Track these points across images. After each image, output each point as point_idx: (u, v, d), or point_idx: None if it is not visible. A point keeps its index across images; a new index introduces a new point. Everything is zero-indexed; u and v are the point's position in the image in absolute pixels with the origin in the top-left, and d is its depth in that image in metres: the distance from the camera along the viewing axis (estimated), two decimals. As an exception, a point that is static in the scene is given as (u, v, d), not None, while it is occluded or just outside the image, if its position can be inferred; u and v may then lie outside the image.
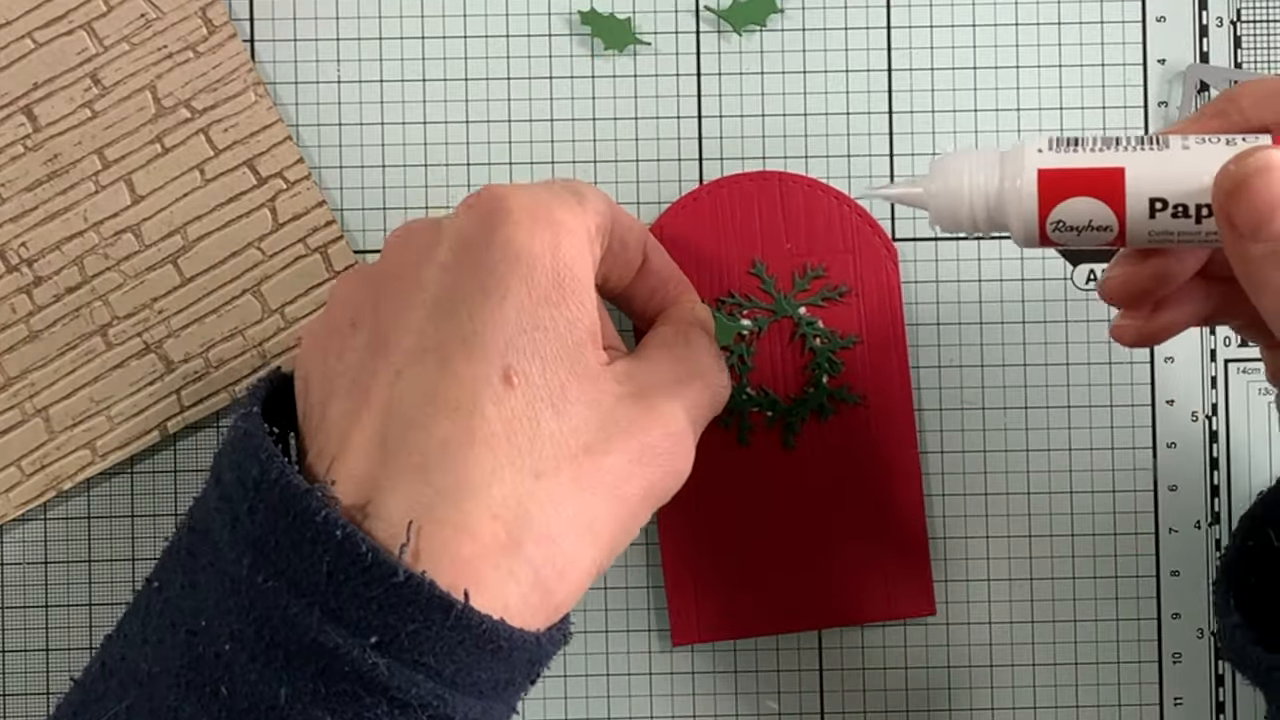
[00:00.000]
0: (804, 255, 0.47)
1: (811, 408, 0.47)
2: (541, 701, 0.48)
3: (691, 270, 0.47)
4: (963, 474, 0.48)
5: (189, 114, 0.47)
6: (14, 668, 0.47)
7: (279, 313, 0.47)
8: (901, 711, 0.48)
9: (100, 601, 0.48)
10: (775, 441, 0.47)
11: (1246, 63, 0.49)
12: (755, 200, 0.47)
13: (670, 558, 0.47)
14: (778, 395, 0.47)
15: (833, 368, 0.47)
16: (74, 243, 0.47)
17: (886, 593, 0.47)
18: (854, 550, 0.47)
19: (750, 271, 0.47)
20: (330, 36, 0.48)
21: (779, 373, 0.47)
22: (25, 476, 0.47)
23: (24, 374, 0.47)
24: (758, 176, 0.47)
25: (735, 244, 0.47)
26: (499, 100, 0.48)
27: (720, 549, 0.47)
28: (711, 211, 0.47)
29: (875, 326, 0.47)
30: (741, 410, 0.47)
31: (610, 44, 0.48)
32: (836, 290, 0.47)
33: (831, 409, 0.47)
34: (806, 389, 0.47)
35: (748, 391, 0.47)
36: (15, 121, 0.47)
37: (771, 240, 0.47)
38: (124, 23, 0.47)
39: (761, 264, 0.47)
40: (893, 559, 0.47)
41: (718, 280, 0.47)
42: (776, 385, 0.47)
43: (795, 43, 0.48)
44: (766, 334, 0.47)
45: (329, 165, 0.48)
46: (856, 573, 0.47)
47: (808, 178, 0.47)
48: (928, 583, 0.47)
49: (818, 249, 0.47)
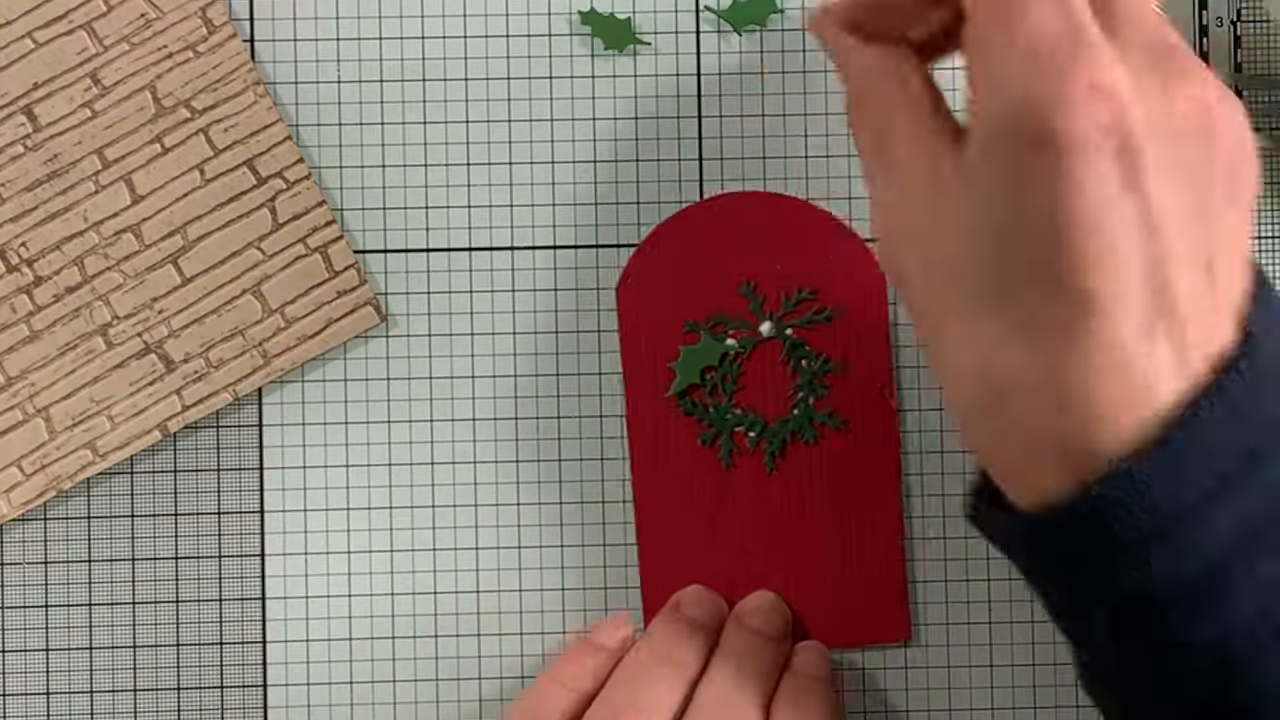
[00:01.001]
0: (794, 277, 0.47)
1: (794, 429, 0.47)
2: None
3: (678, 289, 0.47)
4: (963, 475, 0.48)
5: (189, 114, 0.47)
6: (14, 668, 0.48)
7: (279, 313, 0.47)
8: (902, 712, 0.48)
9: (100, 601, 0.48)
10: (757, 463, 0.47)
11: (1246, 63, 0.49)
12: (744, 220, 0.47)
13: (648, 580, 0.47)
14: (762, 416, 0.47)
15: (817, 390, 0.47)
16: (74, 243, 0.47)
17: (860, 618, 0.47)
18: (830, 575, 0.47)
19: (738, 292, 0.47)
20: (330, 36, 0.48)
21: (765, 394, 0.47)
22: (25, 476, 0.47)
23: (24, 374, 0.47)
24: (749, 196, 0.47)
25: (723, 263, 0.47)
26: (499, 100, 0.48)
27: (698, 571, 0.47)
28: (700, 230, 0.47)
29: (863, 351, 0.47)
30: (725, 430, 0.47)
31: (610, 44, 0.48)
32: (825, 313, 0.47)
33: (814, 432, 0.47)
34: (791, 411, 0.47)
35: (733, 412, 0.47)
36: (15, 121, 0.47)
37: (760, 261, 0.47)
38: (124, 23, 0.47)
39: (749, 284, 0.47)
40: (867, 585, 0.47)
41: (705, 299, 0.47)
42: (762, 406, 0.47)
43: (795, 43, 0.48)
44: (753, 355, 0.47)
45: (329, 165, 0.48)
46: (830, 597, 0.47)
47: (799, 200, 0.47)
48: (902, 608, 0.47)
49: (807, 271, 0.47)
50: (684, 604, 0.46)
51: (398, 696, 0.48)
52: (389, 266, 0.48)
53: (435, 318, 0.48)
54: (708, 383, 0.47)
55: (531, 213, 0.48)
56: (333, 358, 0.48)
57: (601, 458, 0.48)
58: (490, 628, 0.48)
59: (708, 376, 0.47)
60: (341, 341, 0.47)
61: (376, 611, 0.48)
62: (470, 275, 0.48)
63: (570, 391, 0.48)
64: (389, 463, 0.48)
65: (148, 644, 0.48)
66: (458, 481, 0.48)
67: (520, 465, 0.48)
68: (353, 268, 0.47)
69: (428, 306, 0.48)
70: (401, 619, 0.48)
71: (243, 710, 0.48)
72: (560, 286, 0.48)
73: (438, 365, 0.48)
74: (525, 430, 0.48)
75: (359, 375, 0.48)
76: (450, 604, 0.48)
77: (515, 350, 0.48)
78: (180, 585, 0.48)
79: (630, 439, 0.47)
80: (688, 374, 0.47)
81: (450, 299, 0.48)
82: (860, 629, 0.47)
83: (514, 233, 0.48)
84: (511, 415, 0.48)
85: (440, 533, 0.48)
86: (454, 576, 0.48)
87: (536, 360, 0.48)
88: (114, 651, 0.48)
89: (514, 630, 0.48)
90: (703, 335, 0.47)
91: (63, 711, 0.47)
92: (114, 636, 0.48)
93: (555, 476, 0.48)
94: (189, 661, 0.48)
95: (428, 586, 0.48)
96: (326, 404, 0.48)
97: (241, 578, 0.48)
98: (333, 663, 0.48)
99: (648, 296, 0.47)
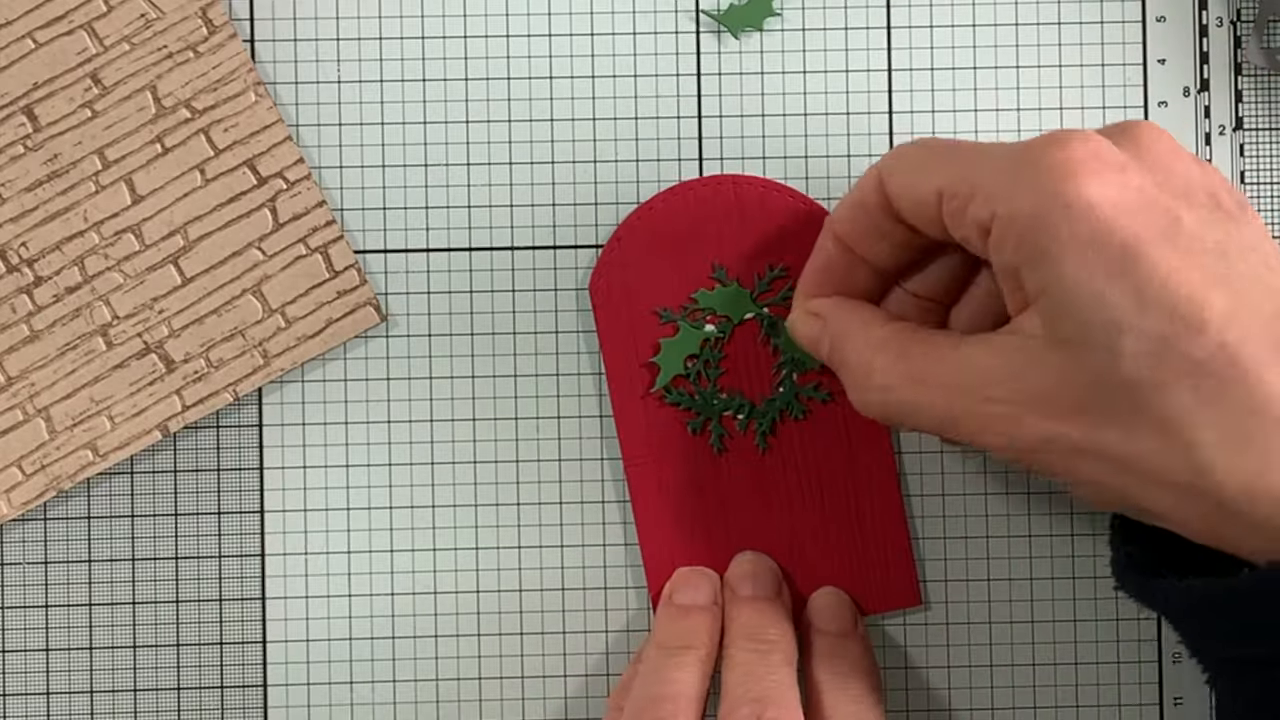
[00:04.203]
0: (764, 256, 0.47)
1: (782, 407, 0.47)
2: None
3: (652, 280, 0.47)
4: (962, 474, 0.48)
5: (189, 114, 0.47)
6: (14, 668, 0.47)
7: (279, 313, 0.47)
8: (901, 711, 0.48)
9: (100, 601, 0.48)
10: (750, 445, 0.47)
11: (1246, 63, 0.49)
12: (711, 205, 0.47)
13: (653, 574, 0.47)
14: (749, 398, 0.47)
15: (800, 366, 0.47)
16: (74, 243, 0.47)
17: (870, 587, 0.47)
18: (835, 548, 0.47)
19: (711, 276, 0.47)
20: (330, 36, 0.48)
21: (749, 376, 0.47)
22: (25, 476, 0.47)
23: (24, 374, 0.47)
24: (711, 181, 0.47)
25: (694, 250, 0.47)
26: (499, 100, 0.48)
27: (702, 558, 0.47)
28: (667, 220, 0.47)
29: None
30: (714, 416, 0.47)
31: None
32: None
33: (802, 407, 0.47)
34: (776, 389, 0.47)
35: (719, 396, 0.47)
36: (15, 121, 0.47)
37: (730, 244, 0.47)
38: (124, 23, 0.47)
39: (722, 268, 0.47)
40: (874, 553, 0.47)
41: (680, 288, 0.47)
42: (747, 388, 0.47)
43: (795, 43, 0.48)
44: (733, 337, 0.47)
45: (329, 165, 0.48)
46: (838, 570, 0.47)
47: (762, 179, 0.47)
48: (911, 575, 0.47)
49: (777, 249, 0.47)
50: (675, 594, 0.46)
51: (398, 696, 0.48)
52: (389, 266, 0.48)
53: (435, 318, 0.48)
54: (691, 371, 0.47)
55: (531, 213, 0.48)
56: (333, 358, 0.48)
57: (602, 457, 0.48)
58: (490, 628, 0.48)
59: (690, 364, 0.47)
60: (341, 341, 0.47)
61: (376, 611, 0.48)
62: (470, 275, 0.48)
63: (570, 391, 0.48)
64: (389, 463, 0.48)
65: (148, 644, 0.48)
66: (458, 481, 0.48)
67: (520, 465, 0.48)
68: (353, 268, 0.47)
69: (428, 306, 0.48)
70: (401, 619, 0.48)
71: (243, 710, 0.48)
72: (560, 286, 0.48)
73: (438, 365, 0.48)
74: (525, 430, 0.48)
75: (359, 375, 0.48)
76: (450, 604, 0.48)
77: (515, 350, 0.48)
78: (180, 585, 0.48)
79: (620, 436, 0.47)
80: (671, 366, 0.47)
81: (450, 299, 0.48)
82: (871, 598, 0.47)
83: (514, 233, 0.48)
84: (512, 415, 0.48)
85: (440, 533, 0.48)
86: (454, 576, 0.48)
87: (536, 360, 0.48)
88: (114, 651, 0.48)
89: (514, 630, 0.48)
90: (680, 324, 0.47)
91: (63, 711, 0.47)
92: (114, 636, 0.48)
93: (555, 476, 0.48)
94: (189, 661, 0.48)
95: (428, 586, 0.48)
96: (326, 404, 0.48)
97: (241, 578, 0.48)
98: (333, 663, 0.48)
99: (621, 291, 0.47)
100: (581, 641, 0.48)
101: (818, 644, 0.46)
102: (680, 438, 0.47)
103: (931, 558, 0.48)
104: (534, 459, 0.48)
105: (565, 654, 0.48)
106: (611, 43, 0.48)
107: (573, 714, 0.48)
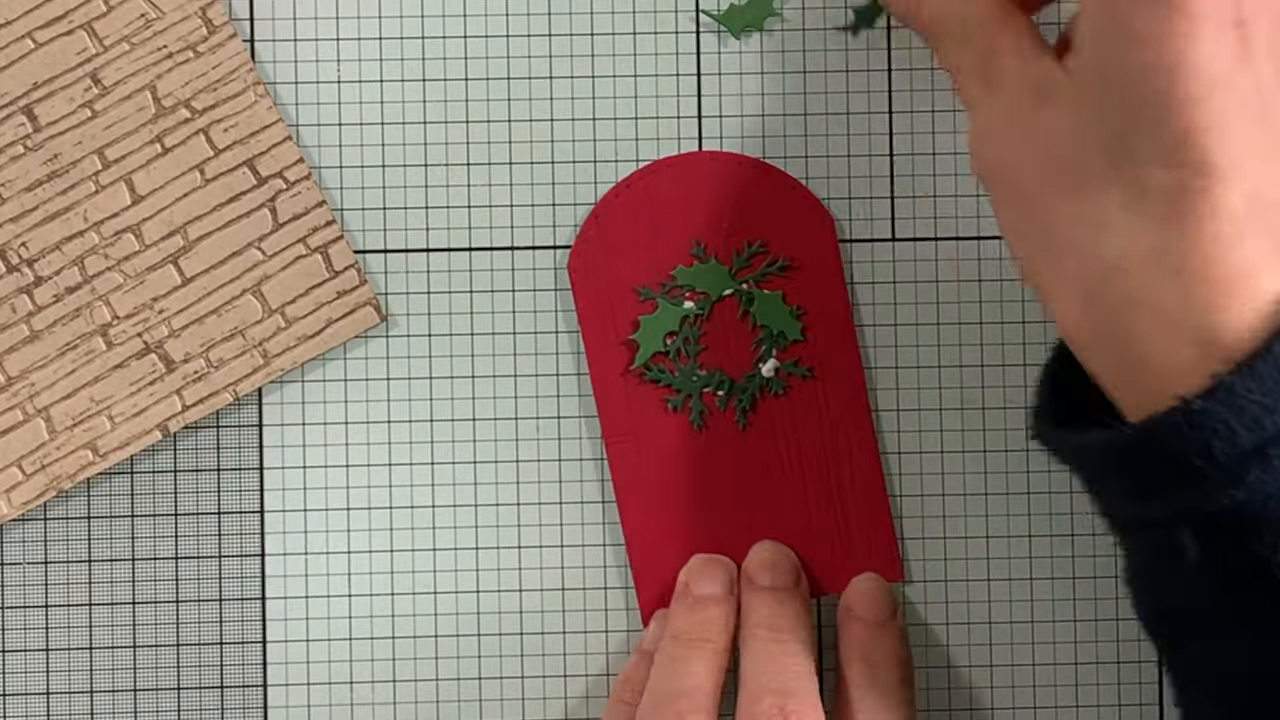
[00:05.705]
0: (742, 232, 0.47)
1: (761, 383, 0.47)
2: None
3: (631, 257, 0.47)
4: (963, 474, 0.48)
5: (189, 114, 0.47)
6: (14, 668, 0.47)
7: (279, 313, 0.47)
8: (901, 711, 0.48)
9: (100, 601, 0.48)
10: (729, 422, 0.47)
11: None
12: (689, 182, 0.47)
13: (636, 555, 0.47)
14: (729, 374, 0.47)
15: (779, 341, 0.47)
16: (74, 243, 0.47)
17: (852, 562, 0.47)
18: (815, 522, 0.47)
19: (690, 253, 0.47)
20: (330, 36, 0.48)
21: (728, 352, 0.47)
22: (25, 476, 0.47)
23: (24, 374, 0.47)
24: (689, 158, 0.48)
25: (673, 227, 0.47)
26: (499, 100, 0.48)
27: (684, 535, 0.47)
28: (646, 197, 0.47)
29: (819, 296, 0.47)
30: (694, 392, 0.47)
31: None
32: (777, 264, 0.47)
33: (782, 383, 0.47)
34: (756, 365, 0.47)
35: (698, 373, 0.47)
36: (15, 121, 0.47)
37: (708, 220, 0.47)
38: (124, 23, 0.47)
39: (700, 244, 0.47)
40: (855, 528, 0.47)
41: (658, 265, 0.47)
42: (727, 364, 0.47)
43: (795, 43, 0.48)
44: (712, 314, 0.47)
45: (329, 165, 0.48)
46: (820, 545, 0.47)
47: (739, 155, 0.48)
48: (893, 548, 0.48)
49: (755, 225, 0.47)
50: (692, 584, 0.46)
51: (398, 696, 0.48)
52: (389, 266, 0.48)
53: (435, 318, 0.48)
54: (670, 348, 0.47)
55: (531, 213, 0.48)
56: (333, 358, 0.48)
57: (602, 457, 0.48)
58: (490, 628, 0.48)
59: (669, 341, 0.47)
60: (341, 341, 0.47)
61: (376, 611, 0.48)
62: (470, 275, 0.48)
63: (570, 391, 0.48)
64: (389, 463, 0.48)
65: (148, 644, 0.48)
66: (458, 481, 0.48)
67: (520, 465, 0.48)
68: (353, 268, 0.47)
69: (428, 306, 0.48)
70: (401, 619, 0.48)
71: (243, 710, 0.48)
72: (560, 286, 0.48)
73: (438, 365, 0.48)
74: (525, 430, 0.48)
75: (359, 375, 0.48)
76: (450, 604, 0.48)
77: (515, 350, 0.48)
78: (180, 585, 0.48)
79: (600, 414, 0.47)
80: (650, 343, 0.47)
81: (450, 299, 0.48)
82: (852, 572, 0.47)
83: (514, 233, 0.48)
84: (512, 415, 0.48)
85: (440, 533, 0.48)
86: (454, 576, 0.48)
87: (536, 360, 0.48)
88: (114, 651, 0.48)
89: (514, 630, 0.48)
90: (660, 301, 0.47)
91: (63, 711, 0.47)
92: (114, 636, 0.48)
93: (555, 476, 0.48)
94: (189, 661, 0.48)
95: (428, 586, 0.48)
96: (326, 404, 0.48)
97: (241, 578, 0.48)
98: (333, 663, 0.48)
99: (600, 269, 0.47)
100: (581, 641, 0.48)
101: (854, 631, 0.46)
102: (660, 415, 0.47)
103: (931, 558, 0.48)
104: (534, 459, 0.48)
105: (565, 654, 0.48)
106: (611, 43, 0.48)
107: (573, 714, 0.48)
